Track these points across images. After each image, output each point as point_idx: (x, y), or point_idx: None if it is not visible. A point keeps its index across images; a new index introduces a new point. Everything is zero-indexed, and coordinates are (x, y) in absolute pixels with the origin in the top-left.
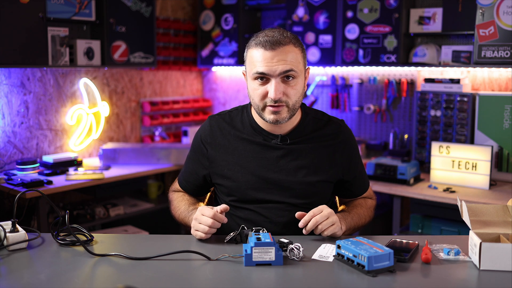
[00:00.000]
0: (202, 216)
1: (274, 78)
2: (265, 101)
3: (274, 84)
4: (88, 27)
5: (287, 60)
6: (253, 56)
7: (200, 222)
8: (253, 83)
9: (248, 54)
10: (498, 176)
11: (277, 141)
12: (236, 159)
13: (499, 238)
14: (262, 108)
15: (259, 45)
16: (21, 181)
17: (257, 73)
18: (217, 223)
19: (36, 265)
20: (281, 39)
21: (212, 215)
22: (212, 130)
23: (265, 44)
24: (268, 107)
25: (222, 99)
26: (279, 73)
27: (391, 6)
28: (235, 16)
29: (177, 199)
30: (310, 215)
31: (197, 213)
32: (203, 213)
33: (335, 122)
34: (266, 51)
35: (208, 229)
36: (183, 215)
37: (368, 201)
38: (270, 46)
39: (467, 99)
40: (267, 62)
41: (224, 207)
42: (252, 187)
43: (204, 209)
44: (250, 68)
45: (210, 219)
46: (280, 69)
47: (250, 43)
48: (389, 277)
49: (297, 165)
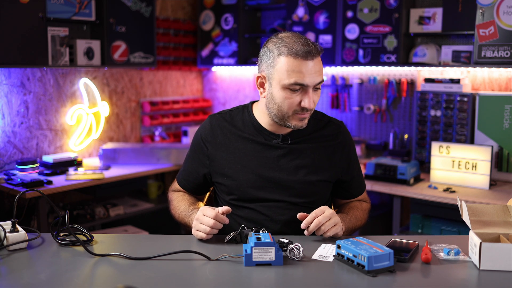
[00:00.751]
0: (203, 217)
1: (311, 88)
2: (295, 109)
3: (311, 94)
4: (88, 27)
5: (321, 71)
6: (290, 65)
7: (201, 223)
8: (285, 91)
9: (280, 61)
10: (498, 176)
11: (279, 141)
12: (237, 158)
13: (499, 238)
14: (289, 116)
15: (298, 55)
16: (21, 181)
17: (296, 83)
18: (219, 224)
19: (36, 265)
20: (314, 50)
21: (214, 216)
22: (213, 128)
23: (306, 54)
24: (297, 114)
25: (222, 99)
26: (315, 84)
27: (391, 6)
28: (235, 16)
29: (176, 198)
30: (312, 216)
31: (199, 213)
32: (204, 213)
33: (335, 123)
34: (306, 61)
35: (210, 229)
36: (183, 214)
37: (364, 204)
38: (311, 57)
39: (467, 99)
40: (309, 73)
41: (226, 208)
42: (253, 185)
43: (205, 210)
44: (283, 77)
45: (212, 219)
46: (317, 81)
47: (281, 50)
48: (389, 277)
49: (298, 165)
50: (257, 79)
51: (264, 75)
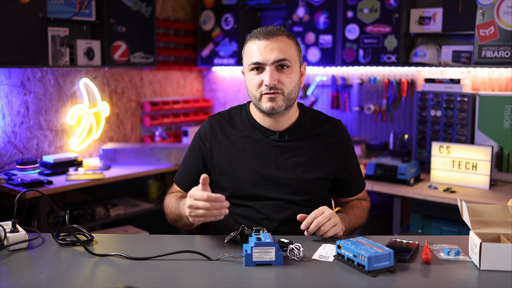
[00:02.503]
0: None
1: (269, 66)
2: (261, 90)
3: (268, 71)
4: (88, 27)
5: (280, 49)
6: (249, 48)
7: (196, 207)
8: (250, 74)
9: (244, 49)
10: (498, 176)
11: (275, 137)
12: (236, 155)
13: (499, 238)
14: (259, 98)
15: (253, 37)
16: (21, 181)
17: (252, 63)
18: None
19: (36, 265)
20: (274, 30)
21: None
22: (212, 128)
23: (258, 35)
24: (264, 95)
25: (222, 99)
26: (273, 61)
27: (391, 6)
28: (235, 16)
29: (169, 198)
30: (312, 217)
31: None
32: (195, 197)
33: (332, 121)
34: (260, 41)
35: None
36: (174, 207)
37: (363, 202)
38: (264, 36)
39: (467, 99)
40: (261, 51)
41: (204, 177)
42: (251, 183)
43: (194, 193)
44: (246, 61)
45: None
46: (274, 57)
47: (247, 39)
48: (389, 277)
49: (296, 162)
50: (243, 75)
51: (242, 70)
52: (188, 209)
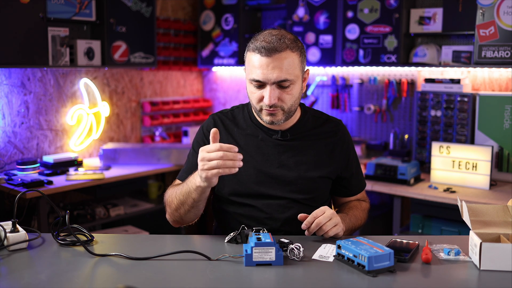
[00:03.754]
0: (208, 153)
1: (269, 85)
2: (261, 104)
3: (269, 90)
4: (88, 27)
5: (282, 68)
6: (251, 60)
7: (209, 159)
8: (250, 86)
9: (247, 56)
10: (498, 176)
11: (278, 136)
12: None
13: (499, 238)
14: (259, 110)
15: (256, 50)
16: (22, 181)
17: (253, 80)
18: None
19: (37, 265)
20: (277, 46)
21: (219, 147)
22: (216, 124)
23: (261, 50)
24: (264, 109)
25: (223, 99)
26: (274, 81)
27: (391, 6)
28: (235, 16)
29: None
30: (312, 217)
31: (201, 153)
32: (207, 150)
33: (333, 120)
34: (262, 58)
35: (222, 161)
36: (180, 188)
37: (363, 203)
38: (266, 53)
39: (467, 99)
40: (263, 69)
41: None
42: (254, 181)
43: (206, 146)
44: (247, 72)
45: (219, 151)
46: (274, 78)
47: (249, 45)
48: (389, 277)
49: (298, 161)
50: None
51: (245, 69)
52: (201, 163)
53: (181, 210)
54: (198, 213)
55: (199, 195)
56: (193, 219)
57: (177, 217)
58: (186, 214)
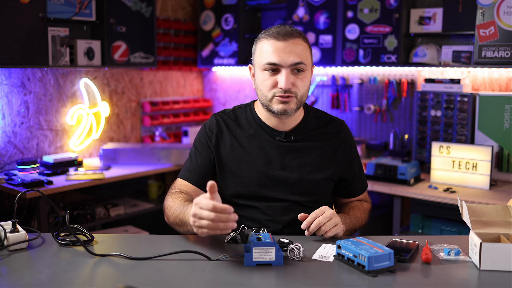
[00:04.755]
0: (201, 211)
1: (285, 68)
2: (274, 91)
3: (285, 74)
4: (88, 27)
5: (297, 52)
6: (264, 47)
7: (200, 217)
8: (262, 73)
9: (258, 46)
10: (499, 176)
11: (281, 137)
12: (242, 155)
13: (499, 238)
14: (270, 99)
15: (270, 36)
16: (22, 181)
17: (268, 63)
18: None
19: (37, 265)
20: (292, 32)
21: (212, 208)
22: (219, 124)
23: (277, 35)
24: (276, 97)
25: (223, 99)
26: (290, 64)
27: (391, 6)
28: (235, 16)
29: (171, 197)
30: (312, 217)
31: (194, 208)
32: (201, 206)
33: (336, 121)
34: (278, 42)
35: (212, 223)
36: (177, 211)
37: (364, 203)
38: (283, 37)
39: (467, 99)
40: (279, 52)
41: (211, 184)
42: (257, 183)
43: (200, 202)
44: (259, 59)
45: (211, 212)
46: (291, 60)
47: (260, 36)
48: (389, 277)
49: (301, 163)
50: (249, 71)
51: (251, 66)
52: (192, 218)
53: (177, 228)
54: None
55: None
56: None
57: (174, 228)
58: (186, 233)
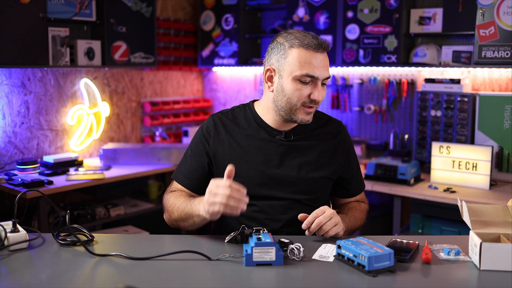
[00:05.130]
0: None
1: (320, 81)
2: (303, 101)
3: (320, 87)
4: (88, 27)
5: (328, 66)
6: (302, 57)
7: (216, 193)
8: (295, 83)
9: (291, 53)
10: (499, 176)
11: (281, 137)
12: (240, 154)
13: (499, 238)
14: (297, 108)
15: (310, 47)
16: (22, 181)
17: (307, 75)
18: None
19: (37, 265)
20: (326, 45)
21: (228, 185)
22: (216, 125)
23: (317, 47)
24: (304, 107)
25: (223, 99)
26: (324, 78)
27: (391, 7)
28: (235, 16)
29: (172, 196)
30: (313, 217)
31: (211, 185)
32: (217, 183)
33: (334, 121)
34: (317, 54)
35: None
36: (183, 205)
37: (362, 204)
38: (322, 50)
39: (467, 99)
40: (319, 65)
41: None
42: (256, 182)
43: (217, 180)
44: (293, 68)
45: (228, 188)
46: (326, 75)
47: (293, 42)
48: (389, 277)
49: (300, 162)
50: (265, 72)
51: (273, 68)
52: (207, 195)
53: (180, 223)
54: (197, 227)
55: (200, 221)
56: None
57: (175, 225)
58: (185, 227)
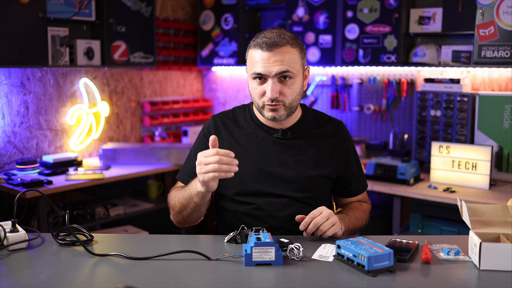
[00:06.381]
0: (205, 158)
1: (271, 78)
2: (263, 100)
3: (270, 84)
4: (88, 27)
5: (283, 61)
6: (252, 56)
7: (206, 163)
8: (252, 82)
9: (248, 54)
10: (498, 176)
11: (278, 135)
12: (239, 153)
13: (499, 238)
14: (261, 106)
15: (257, 46)
16: (21, 181)
17: (254, 73)
18: (225, 158)
19: (36, 265)
20: (278, 41)
21: (215, 152)
22: (217, 125)
23: (262, 45)
24: (266, 105)
25: (222, 99)
26: (275, 73)
27: (391, 6)
28: (235, 16)
29: (175, 190)
30: (310, 217)
31: (199, 157)
32: (205, 154)
33: (334, 121)
34: (263, 52)
35: (217, 165)
36: (183, 192)
37: (364, 204)
38: (267, 48)
39: (467, 99)
40: (264, 63)
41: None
42: (255, 179)
43: (204, 151)
44: (249, 68)
45: (216, 155)
46: (276, 70)
47: (250, 44)
48: (389, 277)
49: (298, 160)
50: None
51: (246, 70)
52: (198, 167)
53: (184, 213)
54: (200, 215)
55: (200, 200)
56: (196, 220)
57: (181, 218)
58: (189, 216)
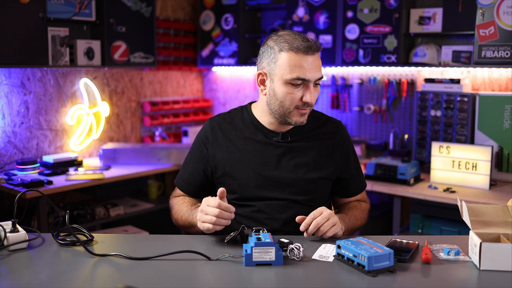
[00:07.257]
0: (207, 207)
1: (311, 83)
2: (296, 104)
3: (311, 89)
4: (88, 27)
5: (320, 67)
6: (292, 60)
7: (206, 213)
8: (286, 87)
9: (281, 56)
10: (498, 176)
11: (278, 138)
12: (238, 157)
13: (499, 238)
14: (291, 111)
15: (299, 50)
16: (21, 181)
17: (298, 78)
18: (225, 213)
19: (36, 265)
20: (315, 46)
21: (218, 205)
22: (213, 130)
23: (307, 49)
24: (297, 110)
25: (222, 99)
26: (316, 79)
27: (391, 6)
28: (235, 16)
29: (177, 203)
30: (310, 218)
31: (202, 205)
32: (208, 203)
33: (333, 122)
34: (307, 56)
35: (216, 219)
36: (186, 215)
37: (363, 204)
38: (311, 52)
39: (467, 99)
40: (309, 68)
41: (221, 190)
42: (254, 184)
43: (209, 200)
44: (284, 72)
45: (216, 209)
46: (317, 76)
47: (282, 45)
48: (389, 277)
49: (298, 163)
50: (257, 76)
51: (265, 72)
52: (199, 213)
53: (186, 229)
54: None
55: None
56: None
57: (183, 228)
58: (195, 233)
